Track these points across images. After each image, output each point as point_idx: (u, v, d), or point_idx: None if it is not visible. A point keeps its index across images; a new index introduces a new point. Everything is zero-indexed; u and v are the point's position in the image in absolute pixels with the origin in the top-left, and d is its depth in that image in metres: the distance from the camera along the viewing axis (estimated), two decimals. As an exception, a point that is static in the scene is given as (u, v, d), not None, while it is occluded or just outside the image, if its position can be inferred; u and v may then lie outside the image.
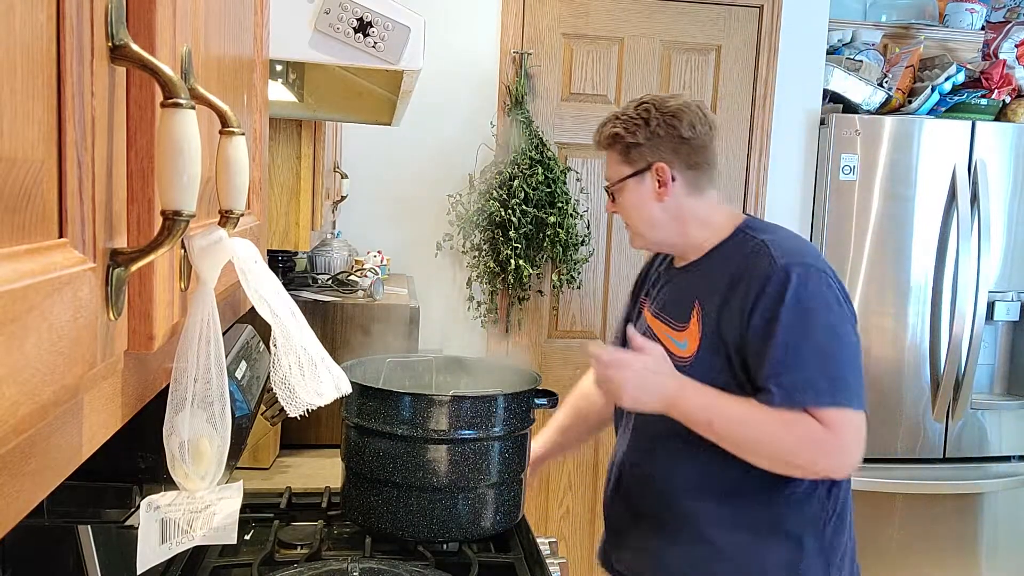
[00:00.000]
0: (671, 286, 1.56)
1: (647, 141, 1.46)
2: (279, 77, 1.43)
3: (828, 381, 1.31)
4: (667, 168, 1.46)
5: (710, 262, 1.48)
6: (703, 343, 1.41)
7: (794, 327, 1.31)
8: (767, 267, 1.36)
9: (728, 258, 1.45)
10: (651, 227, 1.51)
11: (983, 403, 3.18)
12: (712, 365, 1.39)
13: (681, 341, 1.45)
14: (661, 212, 1.49)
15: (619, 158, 1.50)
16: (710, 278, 1.45)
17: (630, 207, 1.51)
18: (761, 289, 1.34)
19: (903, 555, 3.19)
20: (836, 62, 3.17)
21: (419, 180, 3.03)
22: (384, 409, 1.41)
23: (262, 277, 0.64)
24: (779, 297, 1.32)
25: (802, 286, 1.33)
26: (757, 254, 1.39)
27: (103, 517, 0.80)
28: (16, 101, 0.33)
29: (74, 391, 0.39)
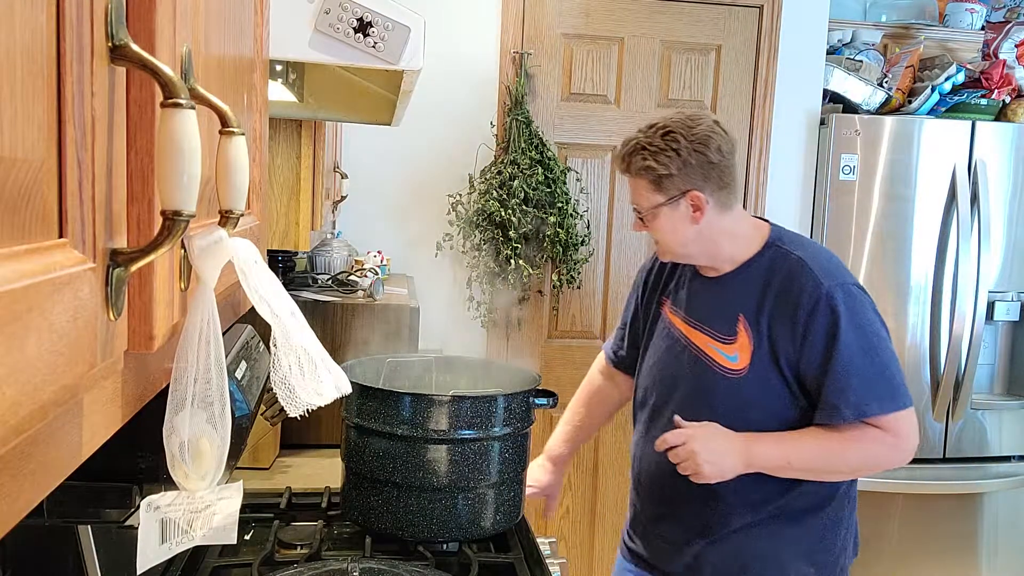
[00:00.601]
0: (704, 295, 1.60)
1: (679, 171, 1.49)
2: (279, 77, 1.43)
3: (888, 390, 1.45)
4: (701, 195, 1.50)
5: (747, 275, 1.54)
6: (756, 357, 1.49)
7: (852, 348, 1.43)
8: (814, 289, 1.46)
9: (767, 273, 1.52)
10: (684, 246, 1.55)
11: (983, 403, 3.18)
12: (767, 378, 1.48)
13: (731, 354, 1.52)
14: (696, 234, 1.53)
15: (650, 187, 1.52)
16: (750, 291, 1.52)
17: (664, 231, 1.54)
18: (812, 311, 1.45)
19: (903, 555, 3.19)
20: (836, 62, 3.17)
21: (419, 180, 3.03)
22: (384, 409, 1.41)
23: (262, 277, 0.64)
24: (833, 321, 1.44)
25: (850, 308, 1.45)
26: (800, 273, 1.48)
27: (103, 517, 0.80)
28: (16, 101, 0.33)
29: (74, 391, 0.39)
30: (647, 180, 1.51)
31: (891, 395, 1.45)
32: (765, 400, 1.49)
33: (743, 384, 1.49)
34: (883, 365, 1.45)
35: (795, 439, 1.46)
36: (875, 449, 1.46)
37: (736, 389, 1.50)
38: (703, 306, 1.58)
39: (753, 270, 1.54)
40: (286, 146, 1.85)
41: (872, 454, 1.47)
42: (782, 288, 1.49)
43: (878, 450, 1.46)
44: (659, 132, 1.51)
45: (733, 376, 1.50)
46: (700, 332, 1.57)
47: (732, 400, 1.50)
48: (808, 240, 1.60)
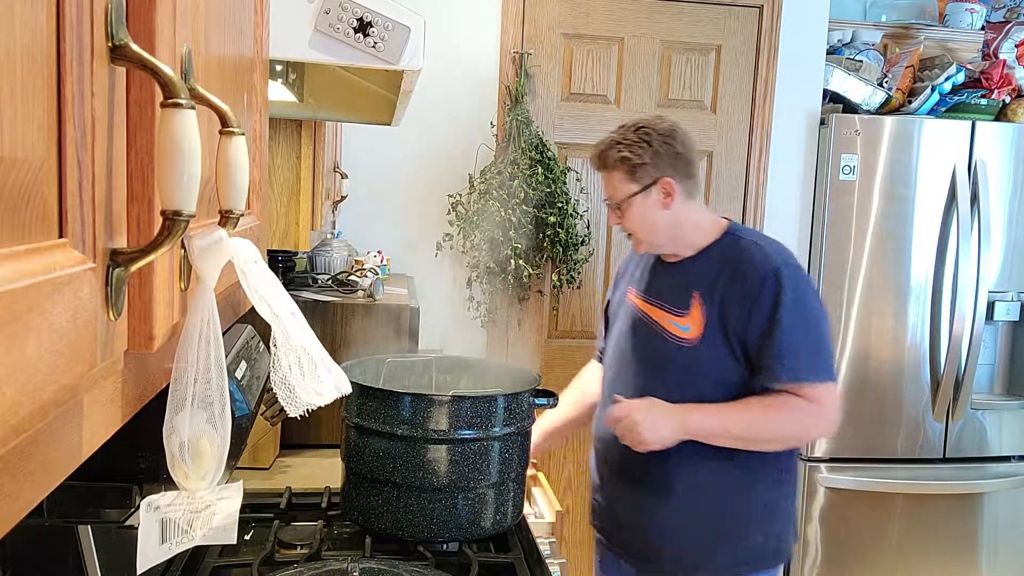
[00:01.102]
0: (664, 277, 1.76)
1: (651, 160, 1.67)
2: (279, 77, 1.43)
3: (819, 362, 1.61)
4: (671, 181, 1.68)
5: (705, 258, 1.70)
6: (708, 327, 1.63)
7: (793, 318, 1.58)
8: (763, 264, 1.61)
9: (723, 255, 1.68)
10: (656, 233, 1.70)
11: (983, 403, 3.18)
12: (716, 347, 1.62)
13: (684, 325, 1.67)
14: (664, 219, 1.69)
15: (625, 177, 1.68)
16: (706, 272, 1.68)
17: (638, 219, 1.69)
18: (762, 283, 1.60)
19: (903, 555, 3.19)
20: (836, 62, 3.17)
21: (419, 180, 3.03)
22: (384, 409, 1.41)
23: (262, 277, 0.64)
24: (778, 292, 1.58)
25: (794, 284, 1.60)
26: (752, 254, 1.64)
27: (103, 517, 0.80)
28: (16, 101, 0.33)
29: (74, 391, 0.39)
30: (622, 171, 1.68)
31: (823, 367, 1.60)
32: (714, 368, 1.63)
33: (694, 353, 1.64)
34: (818, 339, 1.61)
35: (729, 408, 1.60)
36: (801, 418, 1.59)
37: (687, 357, 1.65)
38: (661, 285, 1.75)
39: (711, 254, 1.70)
40: (286, 146, 1.85)
41: (798, 422, 1.61)
42: (736, 267, 1.64)
43: (804, 419, 1.60)
44: (631, 129, 1.70)
45: (685, 345, 1.65)
46: (656, 307, 1.73)
47: (684, 368, 1.65)
48: (760, 232, 1.77)
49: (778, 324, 1.57)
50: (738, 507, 1.66)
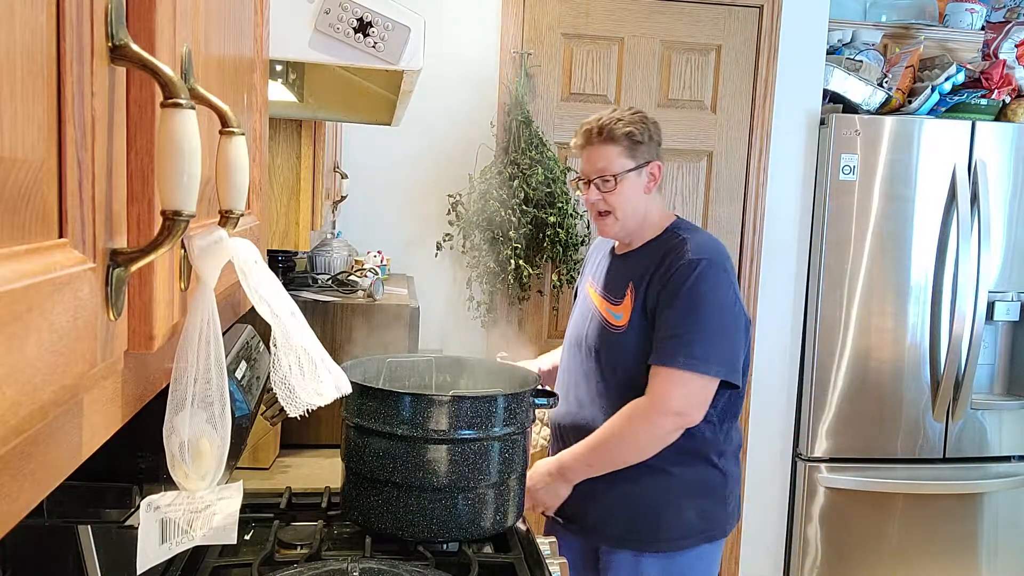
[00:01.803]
0: (612, 269, 1.86)
1: (647, 143, 1.76)
2: (279, 77, 1.43)
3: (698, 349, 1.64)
4: (660, 167, 1.78)
5: (644, 251, 1.80)
6: (633, 315, 1.74)
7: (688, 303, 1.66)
8: (681, 256, 1.70)
9: (658, 249, 1.77)
10: (631, 216, 1.78)
11: (983, 403, 3.18)
12: (639, 330, 1.72)
13: (618, 313, 1.78)
14: (642, 204, 1.78)
15: (624, 152, 1.74)
16: (641, 264, 1.77)
17: (625, 197, 1.76)
18: (672, 273, 1.69)
19: (903, 555, 3.19)
20: (836, 62, 3.17)
21: (419, 180, 3.03)
22: (384, 409, 1.41)
23: (262, 277, 0.64)
24: (682, 281, 1.67)
25: (703, 275, 1.67)
26: (678, 248, 1.73)
27: (103, 517, 0.80)
28: (16, 101, 0.33)
29: (74, 391, 0.39)
30: (623, 145, 1.74)
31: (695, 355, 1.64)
32: (638, 351, 1.71)
33: (623, 338, 1.74)
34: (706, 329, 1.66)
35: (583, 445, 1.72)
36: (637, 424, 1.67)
37: (618, 341, 1.75)
38: (609, 277, 1.85)
39: (651, 248, 1.79)
40: (286, 146, 1.85)
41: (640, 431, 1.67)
42: (662, 258, 1.72)
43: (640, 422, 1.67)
44: (628, 111, 1.78)
45: (616, 332, 1.76)
46: (600, 297, 1.85)
47: (614, 351, 1.75)
48: (703, 231, 1.84)
49: (671, 305, 1.66)
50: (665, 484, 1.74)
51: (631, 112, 1.78)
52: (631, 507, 1.76)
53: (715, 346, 1.66)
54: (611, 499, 1.76)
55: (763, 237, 3.22)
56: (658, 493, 1.75)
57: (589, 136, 1.77)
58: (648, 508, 1.76)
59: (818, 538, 3.17)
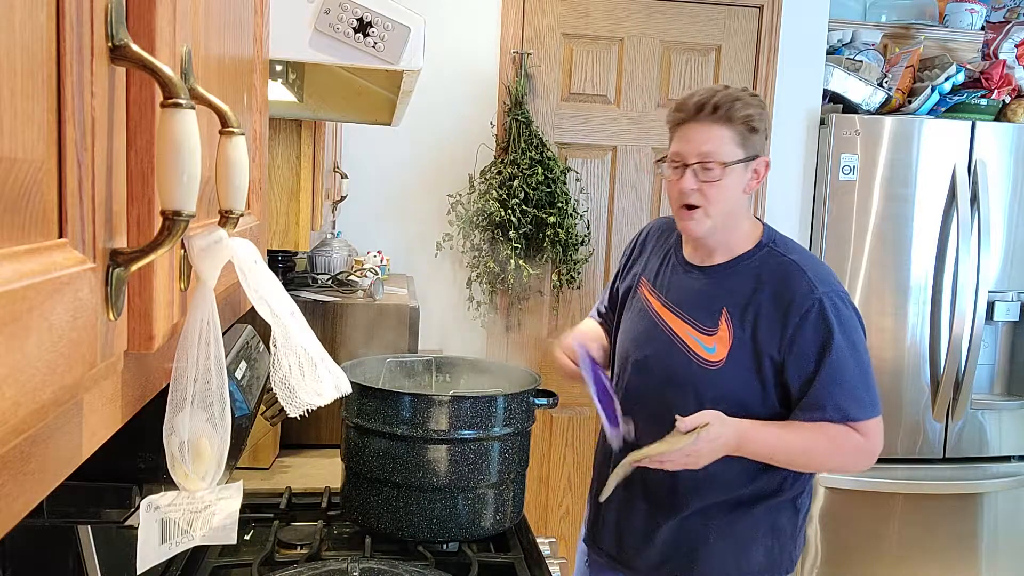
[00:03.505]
0: (689, 285, 1.59)
1: (760, 134, 1.51)
2: (279, 77, 1.43)
3: (868, 397, 1.49)
4: (769, 163, 1.53)
5: (737, 270, 1.55)
6: (734, 350, 1.50)
7: (844, 355, 1.46)
8: (808, 294, 1.47)
9: (758, 271, 1.53)
10: (725, 216, 1.52)
11: (983, 403, 3.18)
12: (741, 371, 1.50)
13: (710, 345, 1.53)
14: (739, 205, 1.53)
15: (736, 139, 1.48)
16: (738, 287, 1.53)
17: (726, 192, 1.49)
18: (805, 315, 1.46)
19: (903, 555, 3.19)
20: (836, 62, 3.17)
21: (419, 180, 3.03)
22: (384, 409, 1.41)
23: (262, 277, 0.64)
24: (827, 328, 1.46)
25: (841, 316, 1.47)
26: (794, 277, 1.50)
27: (103, 517, 0.80)
28: (16, 101, 0.33)
29: (74, 391, 0.39)
30: (738, 131, 1.47)
31: (871, 403, 1.49)
32: (738, 393, 1.50)
33: (718, 376, 1.51)
34: (866, 374, 1.50)
35: (785, 433, 1.48)
36: (851, 451, 1.50)
37: (711, 380, 1.51)
38: (687, 294, 1.58)
39: (743, 267, 1.54)
40: (286, 146, 1.85)
41: (848, 455, 1.52)
42: (775, 289, 1.49)
43: (853, 454, 1.51)
44: (744, 91, 1.51)
45: (709, 367, 1.52)
46: (680, 320, 1.57)
47: (705, 390, 1.51)
48: (799, 245, 1.62)
49: (828, 361, 1.45)
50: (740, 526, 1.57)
51: (749, 93, 1.50)
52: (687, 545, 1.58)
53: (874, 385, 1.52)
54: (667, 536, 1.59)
55: (763, 237, 3.22)
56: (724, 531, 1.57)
57: (700, 109, 1.48)
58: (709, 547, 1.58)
59: (818, 538, 3.17)
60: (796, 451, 1.50)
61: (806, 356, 1.47)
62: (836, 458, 1.54)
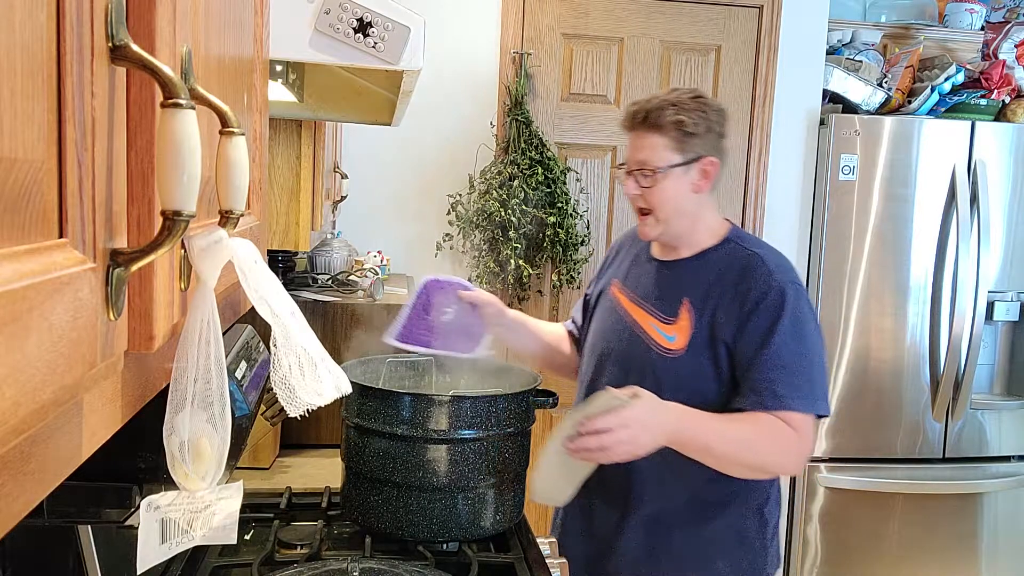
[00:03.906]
0: (655, 278, 1.62)
1: (703, 135, 1.51)
2: (279, 77, 1.43)
3: (810, 389, 1.46)
4: (717, 163, 1.53)
5: (701, 263, 1.57)
6: (694, 339, 1.51)
7: (788, 342, 1.45)
8: (766, 280, 1.48)
9: (722, 264, 1.54)
10: (677, 217, 1.54)
11: (983, 403, 3.18)
12: (700, 361, 1.51)
13: (670, 334, 1.54)
14: (691, 204, 1.54)
15: (672, 144, 1.50)
16: (701, 279, 1.54)
17: (668, 195, 1.52)
18: (761, 298, 1.47)
19: (903, 555, 3.19)
20: (836, 62, 3.17)
21: (419, 180, 3.03)
22: (384, 409, 1.41)
23: (262, 277, 0.64)
24: (777, 312, 1.46)
25: (795, 303, 1.47)
26: (755, 266, 1.51)
27: (103, 517, 0.80)
28: (16, 101, 0.33)
29: (74, 391, 0.39)
30: (671, 136, 1.49)
31: (811, 396, 1.46)
32: (694, 381, 1.50)
33: (677, 364, 1.51)
34: (810, 366, 1.47)
35: (720, 423, 1.44)
36: (785, 446, 1.45)
37: (669, 368, 1.52)
38: (652, 287, 1.60)
39: (708, 260, 1.56)
40: (286, 146, 1.85)
41: (782, 451, 1.46)
42: (735, 279, 1.51)
43: (788, 449, 1.45)
44: (687, 94, 1.52)
45: (668, 355, 1.53)
46: (643, 311, 1.59)
47: (664, 377, 1.51)
48: (765, 242, 1.63)
49: (771, 344, 1.44)
50: (706, 533, 1.55)
51: (692, 96, 1.52)
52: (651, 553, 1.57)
53: (823, 382, 1.49)
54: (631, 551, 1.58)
55: (763, 237, 3.22)
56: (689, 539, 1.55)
57: (633, 120, 1.53)
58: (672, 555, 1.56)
59: (818, 538, 3.17)
60: (731, 441, 1.44)
61: (752, 340, 1.46)
62: (772, 454, 1.47)
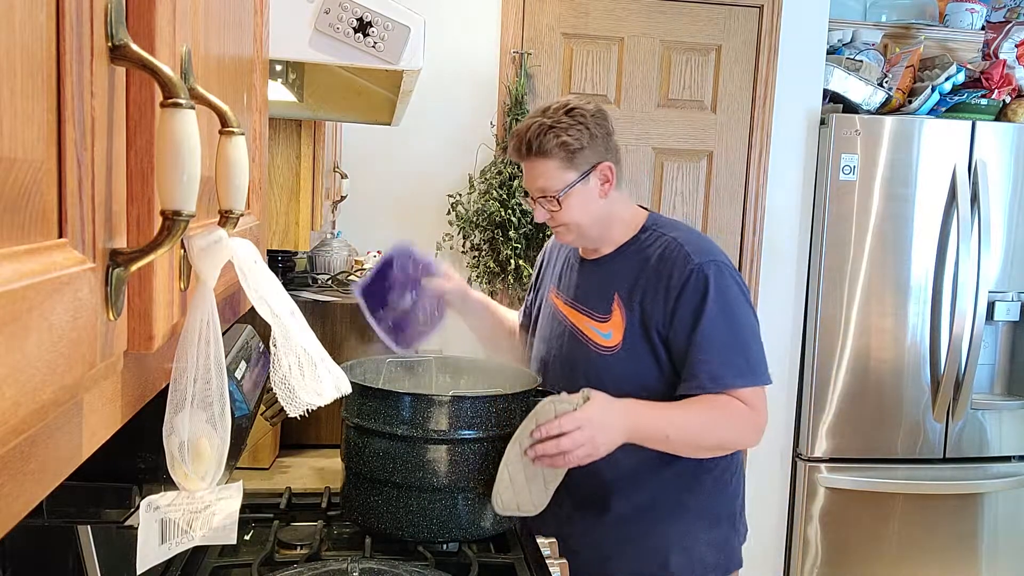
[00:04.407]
0: (584, 278, 1.64)
1: (589, 144, 1.53)
2: (279, 77, 1.43)
3: (747, 363, 1.49)
4: (611, 166, 1.55)
5: (624, 256, 1.59)
6: (628, 333, 1.54)
7: (716, 321, 1.48)
8: (685, 264, 1.50)
9: (642, 253, 1.57)
10: (591, 224, 1.57)
11: (983, 403, 3.18)
12: (637, 353, 1.53)
13: (605, 332, 1.57)
14: (601, 209, 1.56)
15: (563, 165, 1.52)
16: (626, 271, 1.57)
17: (576, 209, 1.54)
18: (683, 285, 1.49)
19: (903, 555, 3.19)
20: (836, 62, 3.17)
21: (419, 180, 3.03)
22: (384, 409, 1.41)
23: (262, 277, 0.64)
24: (702, 294, 1.48)
25: (717, 283, 1.49)
26: (673, 252, 1.53)
27: (103, 517, 0.80)
28: (16, 101, 0.33)
29: (74, 391, 0.39)
30: (559, 158, 1.51)
31: (749, 370, 1.49)
32: (636, 375, 1.52)
33: (615, 361, 1.54)
34: (744, 341, 1.50)
35: (674, 411, 1.47)
36: (740, 423, 1.48)
37: (609, 365, 1.54)
38: (583, 288, 1.63)
39: (630, 252, 1.58)
40: (286, 146, 1.85)
41: (737, 427, 1.49)
42: (656, 266, 1.53)
43: (742, 424, 1.48)
44: (561, 111, 1.53)
45: (607, 353, 1.55)
46: (579, 312, 1.62)
47: (605, 376, 1.53)
48: (683, 224, 1.64)
49: (700, 330, 1.46)
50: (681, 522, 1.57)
51: (565, 111, 1.53)
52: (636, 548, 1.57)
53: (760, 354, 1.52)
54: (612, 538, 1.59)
55: (763, 237, 3.22)
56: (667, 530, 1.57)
57: (519, 152, 1.55)
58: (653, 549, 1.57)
59: (818, 538, 3.17)
60: (688, 426, 1.47)
61: (683, 326, 1.48)
62: (731, 430, 1.49)
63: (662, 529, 1.58)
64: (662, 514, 1.58)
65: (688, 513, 1.59)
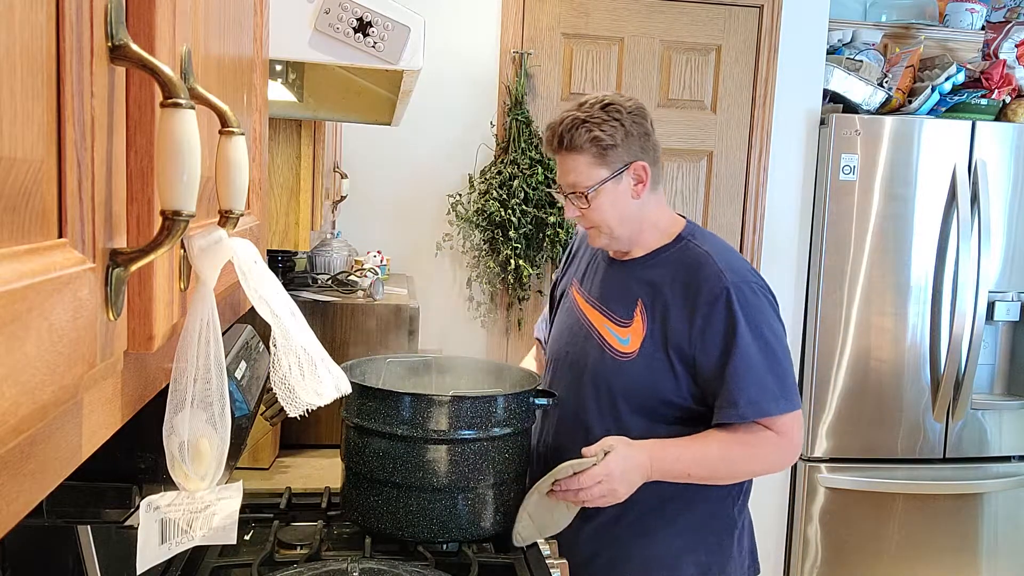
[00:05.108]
0: (609, 279, 1.60)
1: (623, 142, 1.48)
2: (279, 77, 1.43)
3: (782, 391, 1.45)
4: (645, 166, 1.50)
5: (654, 262, 1.54)
6: (647, 341, 1.50)
7: (751, 347, 1.43)
8: (716, 283, 1.45)
9: (673, 263, 1.52)
10: (621, 225, 1.53)
11: (983, 403, 3.18)
12: (654, 362, 1.49)
13: (624, 337, 1.53)
14: (633, 211, 1.52)
15: (594, 161, 1.48)
16: (653, 279, 1.52)
17: (606, 208, 1.50)
18: (713, 304, 1.44)
19: (903, 555, 3.19)
20: (836, 62, 3.17)
21: (419, 180, 3.03)
22: (384, 409, 1.41)
23: (262, 277, 0.64)
24: (733, 318, 1.43)
25: (750, 306, 1.44)
26: (704, 266, 1.48)
27: (103, 517, 0.80)
28: (16, 101, 0.33)
29: (74, 391, 0.39)
30: (591, 154, 1.48)
31: (785, 396, 1.45)
32: (650, 384, 1.49)
33: (630, 367, 1.50)
34: (776, 366, 1.45)
35: (696, 448, 1.45)
36: (769, 454, 1.46)
37: (623, 371, 1.51)
38: (607, 288, 1.59)
39: (661, 259, 1.54)
40: (286, 146, 1.85)
41: (766, 458, 1.48)
42: (686, 279, 1.48)
43: (771, 454, 1.47)
44: (597, 105, 1.49)
45: (621, 358, 1.52)
46: (599, 313, 1.58)
47: (614, 382, 1.51)
48: (719, 239, 1.59)
49: (735, 356, 1.42)
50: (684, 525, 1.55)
51: (600, 105, 1.49)
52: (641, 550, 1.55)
53: (793, 376, 1.48)
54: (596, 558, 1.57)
55: (763, 237, 3.22)
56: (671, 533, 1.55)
57: (551, 145, 1.53)
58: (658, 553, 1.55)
59: (818, 538, 3.17)
60: (712, 460, 1.46)
61: (713, 349, 1.45)
62: (756, 462, 1.48)
63: (668, 532, 1.56)
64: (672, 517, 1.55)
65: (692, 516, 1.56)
